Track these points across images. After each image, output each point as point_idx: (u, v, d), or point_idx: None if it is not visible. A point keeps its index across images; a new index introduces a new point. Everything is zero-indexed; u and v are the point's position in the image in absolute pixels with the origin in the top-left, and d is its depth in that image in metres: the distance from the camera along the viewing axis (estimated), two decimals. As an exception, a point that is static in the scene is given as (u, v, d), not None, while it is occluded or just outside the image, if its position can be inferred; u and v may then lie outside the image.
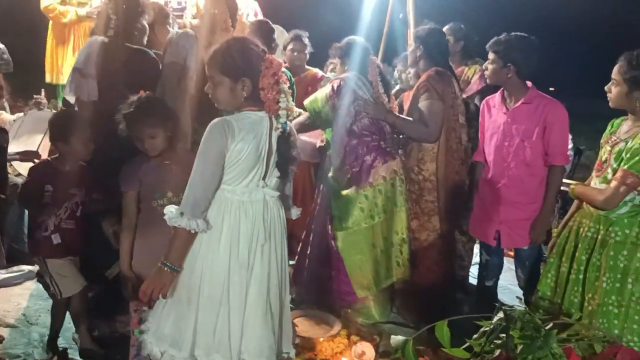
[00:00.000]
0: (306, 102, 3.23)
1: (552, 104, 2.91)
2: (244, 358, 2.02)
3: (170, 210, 1.94)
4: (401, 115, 3.24)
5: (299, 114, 3.31)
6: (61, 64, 4.85)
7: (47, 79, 4.94)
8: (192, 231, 1.92)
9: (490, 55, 2.97)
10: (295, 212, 2.31)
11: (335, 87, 3.09)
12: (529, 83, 2.98)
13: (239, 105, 2.02)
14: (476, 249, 4.01)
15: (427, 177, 3.20)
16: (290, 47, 4.22)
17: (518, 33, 2.93)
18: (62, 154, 2.69)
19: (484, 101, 3.21)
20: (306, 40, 4.22)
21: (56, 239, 2.65)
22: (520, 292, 3.37)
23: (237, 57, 1.96)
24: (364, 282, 3.10)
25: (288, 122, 2.06)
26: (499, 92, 3.09)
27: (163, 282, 1.95)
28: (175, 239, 1.95)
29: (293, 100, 2.08)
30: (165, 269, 1.94)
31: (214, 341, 1.99)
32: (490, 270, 3.34)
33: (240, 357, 2.01)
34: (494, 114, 3.09)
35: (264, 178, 2.04)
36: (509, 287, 3.78)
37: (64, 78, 4.84)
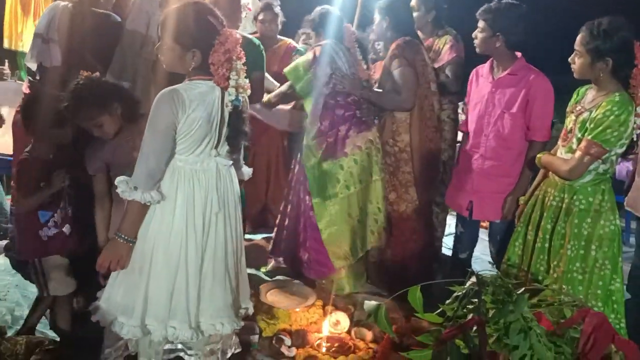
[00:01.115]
0: (286, 70, 3.20)
1: (538, 77, 2.87)
2: (201, 321, 2.04)
3: (122, 182, 1.91)
4: (375, 89, 3.24)
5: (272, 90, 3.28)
6: (21, 30, 4.68)
7: (5, 44, 4.77)
8: (147, 203, 1.91)
9: (480, 24, 2.94)
10: (247, 172, 2.31)
11: (316, 54, 3.08)
12: (518, 54, 2.95)
13: (187, 71, 1.99)
14: (450, 219, 4.06)
15: (402, 149, 3.22)
16: (261, 17, 4.10)
17: (508, 1, 2.89)
18: (38, 142, 2.50)
19: (473, 70, 3.19)
20: (277, 9, 4.11)
21: (67, 229, 2.56)
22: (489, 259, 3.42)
23: (190, 26, 1.92)
24: (340, 253, 3.14)
25: (240, 98, 2.03)
26: (488, 61, 3.07)
27: (119, 254, 1.96)
28: (128, 210, 1.95)
29: (261, 69, 2.04)
30: (120, 240, 1.95)
31: (169, 308, 2.00)
32: (464, 242, 3.37)
33: (198, 320, 2.04)
34: (481, 83, 3.09)
35: (215, 147, 2.03)
36: (481, 257, 3.85)
37: (23, 45, 4.69)
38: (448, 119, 3.68)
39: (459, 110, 3.88)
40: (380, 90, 3.22)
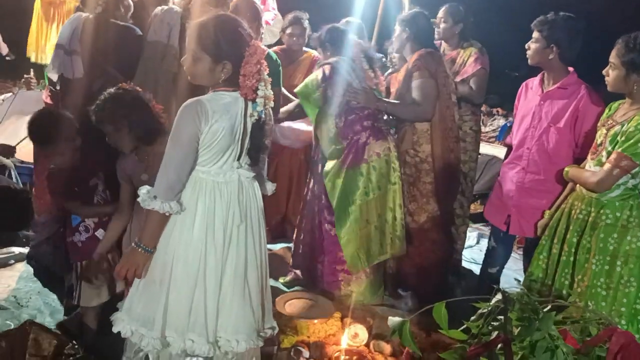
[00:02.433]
0: (297, 89, 3.23)
1: (589, 93, 2.80)
2: (220, 336, 2.02)
3: (143, 192, 1.91)
4: (391, 100, 3.24)
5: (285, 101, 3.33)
6: (44, 43, 4.77)
7: (32, 58, 4.86)
8: (166, 214, 1.91)
9: (534, 34, 2.88)
10: (271, 188, 2.29)
11: (326, 74, 3.12)
12: (571, 69, 2.91)
13: (213, 83, 1.98)
14: (469, 232, 4.02)
15: (423, 159, 3.21)
16: (289, 31, 4.12)
17: (565, 13, 2.84)
18: (57, 155, 2.56)
19: (522, 84, 3.15)
20: (306, 23, 4.13)
21: (101, 234, 2.57)
22: (518, 275, 3.37)
23: (223, 38, 1.92)
24: (356, 259, 3.15)
25: (264, 110, 2.03)
26: (539, 74, 3.03)
27: (137, 263, 1.95)
28: (148, 220, 1.94)
29: (278, 85, 2.05)
30: (139, 249, 1.95)
31: (188, 321, 1.98)
32: (497, 257, 3.32)
33: (217, 336, 2.02)
34: (529, 96, 3.04)
35: (238, 159, 2.03)
36: (505, 273, 3.78)
37: (47, 57, 4.77)
38: (471, 131, 3.67)
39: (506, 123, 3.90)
40: (397, 102, 3.22)
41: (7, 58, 4.54)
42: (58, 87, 3.14)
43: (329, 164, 3.17)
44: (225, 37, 1.92)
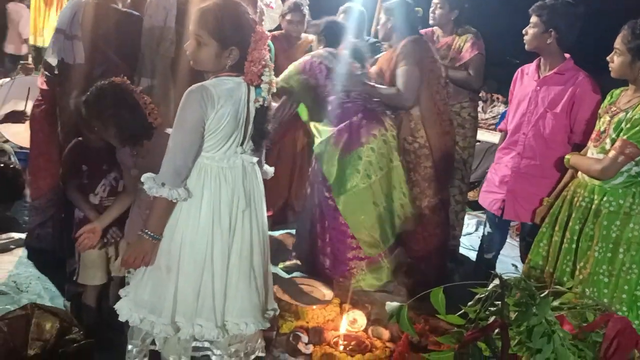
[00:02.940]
0: (279, 78, 3.22)
1: (586, 79, 2.82)
2: (227, 320, 2.04)
3: (149, 179, 1.91)
4: (375, 85, 3.26)
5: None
6: (42, 25, 4.72)
7: (31, 41, 4.83)
8: (174, 200, 1.90)
9: (533, 19, 2.89)
10: (269, 171, 2.30)
11: (307, 65, 3.21)
12: (567, 55, 2.91)
13: (218, 69, 1.97)
14: (467, 219, 4.03)
15: (422, 144, 3.22)
16: (288, 17, 4.10)
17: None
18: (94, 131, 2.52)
19: (518, 69, 3.17)
20: (305, 10, 4.11)
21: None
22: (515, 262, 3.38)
23: (231, 23, 1.90)
24: (371, 241, 3.17)
25: (267, 96, 2.03)
26: (535, 60, 3.04)
27: (145, 251, 1.95)
28: (155, 208, 1.94)
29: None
30: (146, 237, 1.95)
31: (196, 306, 2.00)
32: (492, 243, 3.35)
33: (224, 319, 2.03)
34: (525, 81, 3.05)
35: (241, 144, 2.03)
36: (502, 259, 3.80)
37: (44, 40, 4.73)
38: (469, 117, 3.67)
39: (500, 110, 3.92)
40: (382, 86, 3.24)
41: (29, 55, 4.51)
42: (56, 72, 3.11)
43: (325, 153, 3.18)
44: (232, 22, 1.90)
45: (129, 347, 2.11)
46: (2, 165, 2.48)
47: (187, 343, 2.08)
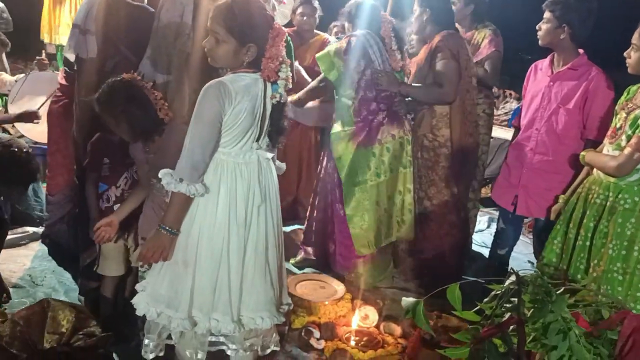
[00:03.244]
0: (318, 55, 3.19)
1: (599, 74, 2.81)
2: (242, 314, 2.05)
3: (167, 174, 1.91)
4: (413, 84, 3.21)
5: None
6: (58, 22, 4.73)
7: (46, 39, 4.84)
8: (191, 196, 1.91)
9: (546, 15, 2.88)
10: (281, 167, 2.31)
11: (352, 44, 3.08)
12: (581, 50, 2.90)
13: (235, 65, 1.98)
14: (480, 216, 4.02)
15: (442, 143, 3.17)
16: (299, 10, 4.09)
17: None
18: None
19: (532, 65, 3.15)
20: (316, 4, 4.10)
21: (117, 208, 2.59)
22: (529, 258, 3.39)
23: (248, 21, 1.91)
24: (364, 241, 3.16)
25: (284, 93, 2.03)
26: (549, 56, 3.02)
27: (163, 245, 1.96)
28: (172, 203, 1.94)
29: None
30: (164, 232, 1.95)
31: (213, 300, 2.01)
32: (505, 238, 3.34)
33: (239, 313, 2.05)
34: (539, 77, 3.05)
35: (257, 140, 2.03)
36: (517, 256, 3.79)
37: (59, 38, 4.75)
38: (483, 114, 3.66)
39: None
40: (419, 85, 3.18)
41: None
42: (75, 68, 3.14)
43: (340, 141, 3.14)
44: (250, 19, 1.91)
45: (146, 341, 2.12)
46: (15, 149, 2.52)
47: (204, 337, 2.09)
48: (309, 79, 3.68)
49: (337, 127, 3.17)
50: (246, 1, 1.94)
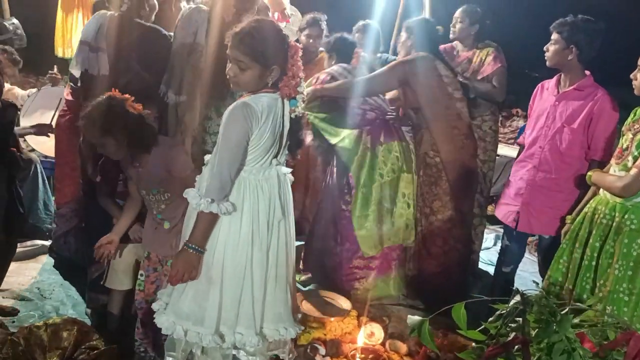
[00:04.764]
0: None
1: (604, 96, 2.83)
2: (264, 326, 2.08)
3: (194, 196, 1.96)
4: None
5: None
6: (70, 37, 4.78)
7: (59, 54, 4.88)
8: (221, 214, 1.95)
9: (554, 36, 2.91)
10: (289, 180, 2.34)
11: (320, 80, 3.35)
12: (587, 72, 2.93)
13: (256, 88, 2.01)
14: (486, 234, 4.01)
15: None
16: (306, 32, 4.12)
17: (584, 16, 2.87)
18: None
19: (539, 84, 3.19)
20: (324, 25, 4.13)
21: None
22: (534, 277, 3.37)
23: (269, 45, 1.95)
24: (370, 241, 3.23)
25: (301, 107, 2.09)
26: (555, 76, 3.06)
27: (192, 265, 1.99)
28: (200, 222, 1.97)
29: None
30: (191, 251, 1.98)
31: (237, 315, 2.04)
32: (510, 256, 3.33)
33: (262, 326, 2.08)
34: (545, 96, 3.08)
35: (276, 156, 2.08)
36: (522, 275, 3.78)
37: (73, 52, 4.81)
38: (490, 130, 3.69)
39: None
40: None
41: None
42: (79, 84, 3.18)
43: (346, 147, 3.26)
44: (271, 43, 1.95)
45: (168, 358, 2.14)
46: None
47: (228, 351, 2.12)
48: None
49: (333, 140, 3.28)
50: (264, 25, 1.98)
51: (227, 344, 2.03)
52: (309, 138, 3.41)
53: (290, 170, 2.17)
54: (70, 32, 4.79)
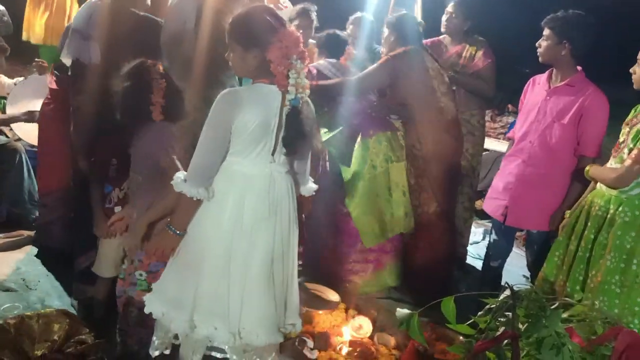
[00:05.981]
0: None
1: (595, 92, 2.84)
2: (244, 327, 2.03)
3: (177, 175, 1.99)
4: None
5: None
6: (34, 22, 4.73)
7: (24, 37, 4.82)
8: (194, 198, 1.95)
9: (546, 32, 2.91)
10: (309, 190, 2.27)
11: (311, 71, 3.34)
12: (579, 68, 2.93)
13: (252, 74, 2.03)
14: (474, 228, 4.02)
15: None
16: (296, 22, 4.08)
17: (576, 11, 2.86)
18: None
19: (530, 79, 3.19)
20: (313, 16, 4.10)
21: (118, 209, 2.60)
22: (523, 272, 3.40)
23: (249, 26, 1.96)
24: (371, 232, 3.22)
25: (299, 99, 2.00)
26: (547, 71, 3.06)
27: (170, 245, 2.04)
28: (181, 205, 2.01)
29: None
30: (170, 232, 2.03)
31: (212, 308, 2.02)
32: (497, 250, 3.35)
33: (240, 327, 2.03)
34: (536, 91, 3.08)
35: (272, 153, 2.03)
36: (511, 269, 3.79)
37: (35, 37, 4.74)
38: (478, 124, 3.69)
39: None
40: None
41: None
42: (70, 72, 3.13)
43: (335, 141, 3.24)
44: (252, 25, 1.96)
45: (153, 338, 2.17)
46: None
47: (204, 341, 2.11)
48: None
49: (325, 135, 3.26)
50: (251, 10, 2.01)
51: (199, 335, 2.02)
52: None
53: (286, 169, 2.08)
54: (35, 18, 4.71)
